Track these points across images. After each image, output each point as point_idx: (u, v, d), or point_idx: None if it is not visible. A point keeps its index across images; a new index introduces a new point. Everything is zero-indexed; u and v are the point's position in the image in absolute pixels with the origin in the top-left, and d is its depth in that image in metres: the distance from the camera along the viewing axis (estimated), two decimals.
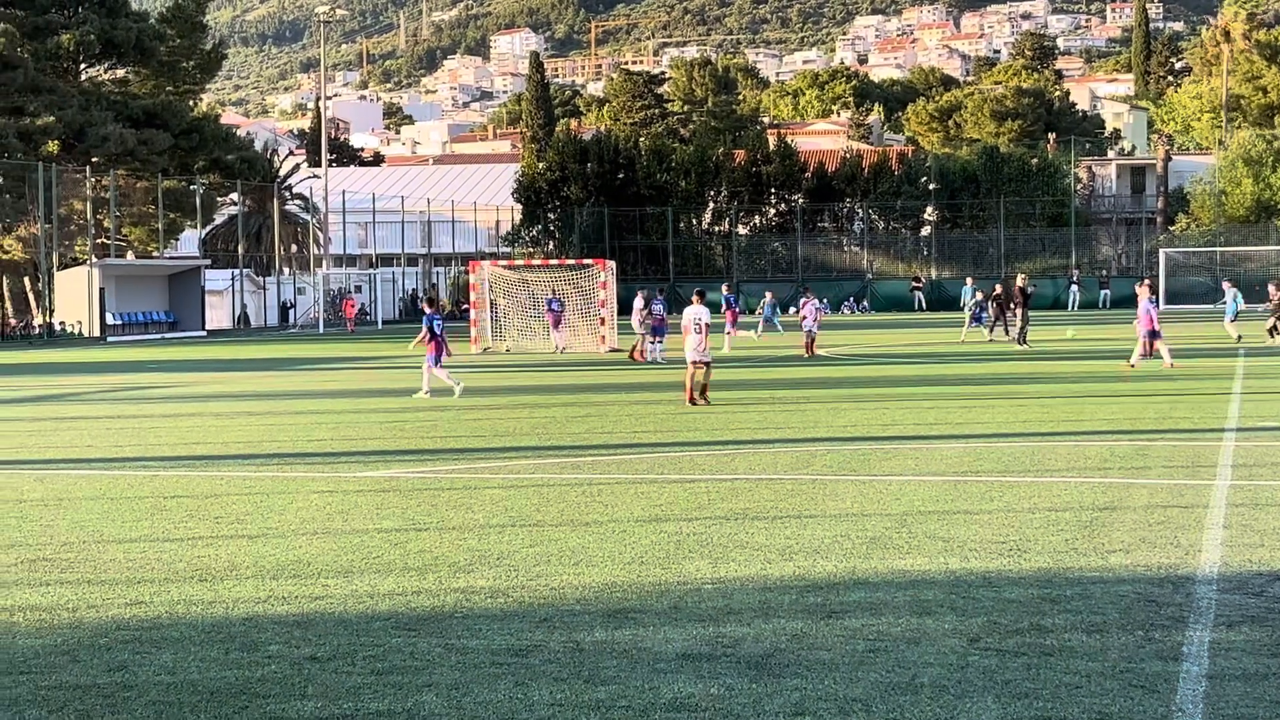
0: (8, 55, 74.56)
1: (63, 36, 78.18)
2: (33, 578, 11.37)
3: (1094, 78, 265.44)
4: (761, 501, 14.62)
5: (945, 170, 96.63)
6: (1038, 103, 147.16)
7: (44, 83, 76.45)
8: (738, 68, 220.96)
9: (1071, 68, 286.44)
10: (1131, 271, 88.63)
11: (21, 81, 74.95)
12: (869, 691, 7.98)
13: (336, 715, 7.70)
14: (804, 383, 32.23)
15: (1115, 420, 22.54)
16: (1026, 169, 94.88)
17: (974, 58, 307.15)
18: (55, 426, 24.96)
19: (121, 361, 48.34)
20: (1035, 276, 67.54)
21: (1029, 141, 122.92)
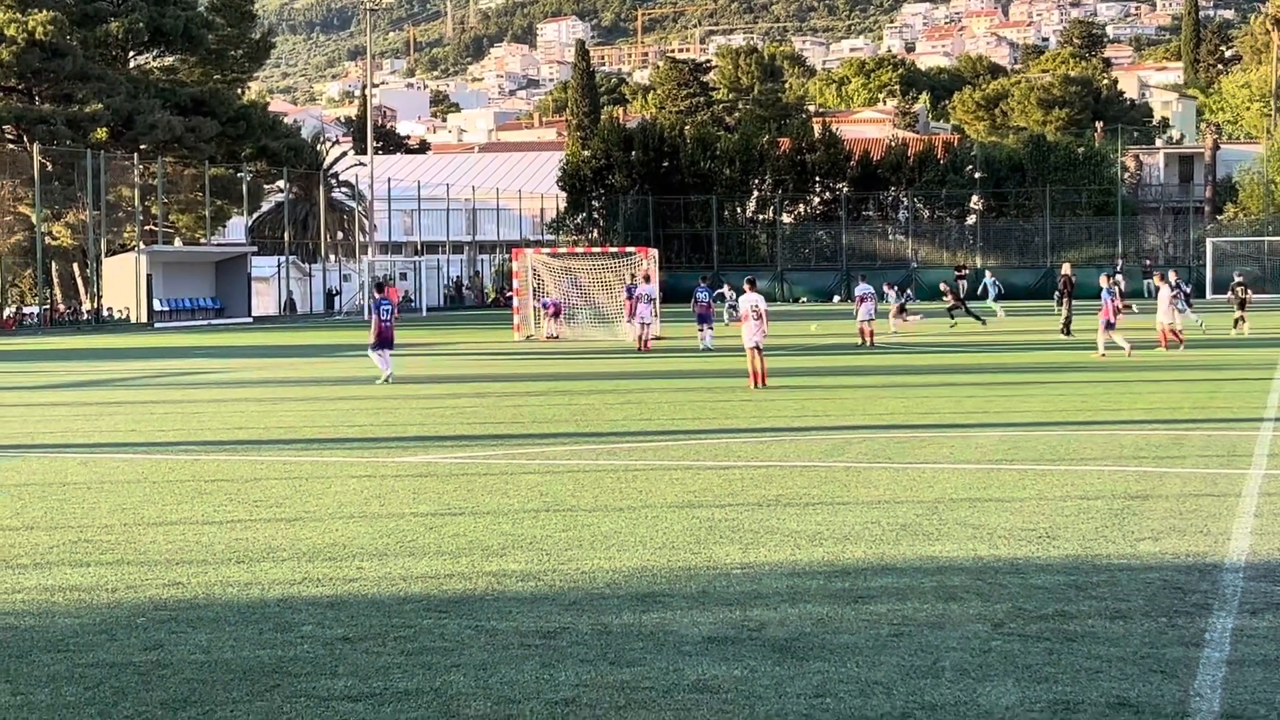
0: (57, 43, 75.13)
1: (112, 24, 78.76)
2: (73, 558, 11.57)
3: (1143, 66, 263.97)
4: (794, 488, 14.72)
5: (991, 159, 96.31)
6: (1085, 91, 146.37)
7: (93, 70, 77.03)
8: (784, 56, 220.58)
9: (1120, 56, 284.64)
10: (1179, 261, 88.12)
11: (70, 69, 75.56)
12: (890, 674, 8.07)
13: (366, 694, 7.85)
14: (844, 370, 32.27)
15: (1153, 409, 22.52)
16: (1073, 158, 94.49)
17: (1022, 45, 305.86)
18: (101, 411, 25.25)
19: (168, 347, 48.77)
20: (1080, 266, 67.17)
21: (1076, 130, 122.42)
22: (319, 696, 7.81)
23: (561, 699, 7.72)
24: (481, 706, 7.61)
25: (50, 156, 71.86)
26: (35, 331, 64.26)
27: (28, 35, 74.55)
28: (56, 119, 74.37)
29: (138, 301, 70.27)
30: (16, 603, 10.07)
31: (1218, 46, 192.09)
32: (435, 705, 7.64)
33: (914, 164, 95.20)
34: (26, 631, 9.28)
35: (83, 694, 7.91)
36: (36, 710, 7.62)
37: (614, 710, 7.51)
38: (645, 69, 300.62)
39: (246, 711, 7.56)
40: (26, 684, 8.10)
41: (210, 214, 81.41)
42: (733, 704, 7.58)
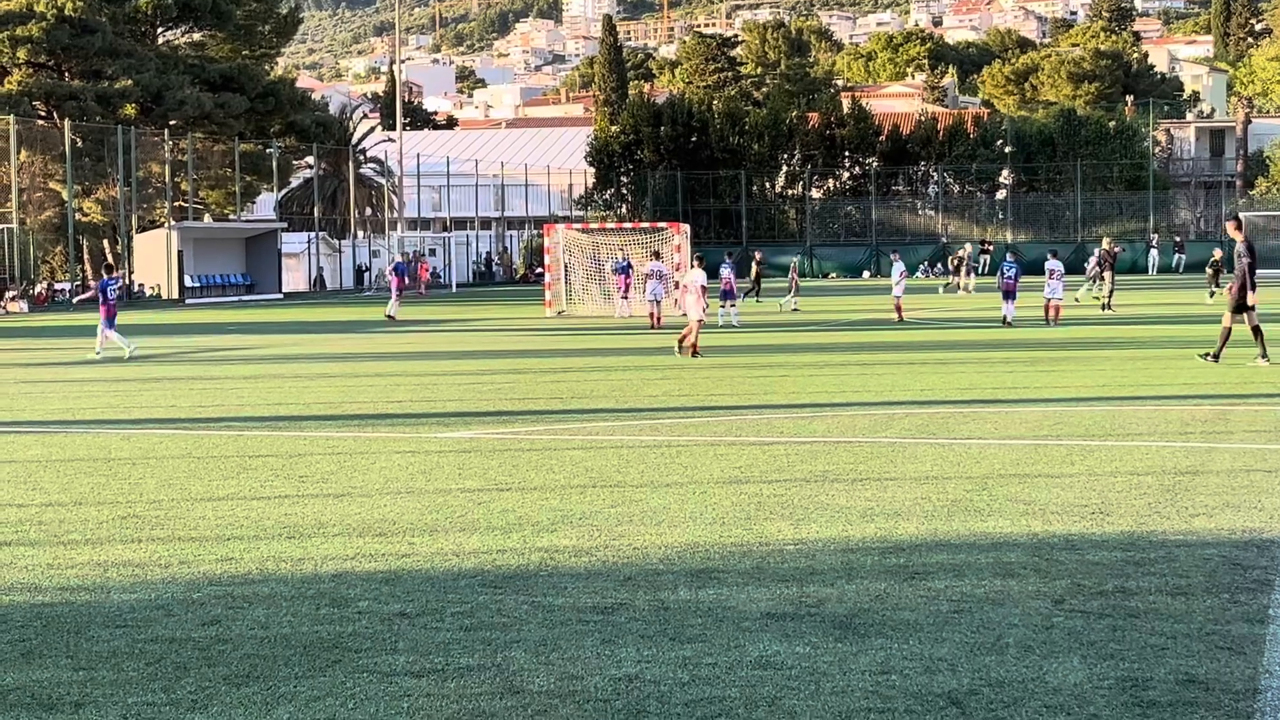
0: (86, 19, 75.24)
1: (140, 0, 78.79)
2: (124, 534, 11.57)
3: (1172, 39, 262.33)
4: (841, 464, 14.66)
5: (1021, 133, 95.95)
6: (1115, 65, 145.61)
7: (122, 46, 77.14)
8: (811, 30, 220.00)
9: (1150, 29, 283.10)
10: (1210, 235, 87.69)
11: (100, 45, 75.67)
12: (954, 651, 8.02)
13: (427, 669, 7.82)
14: (881, 346, 32.18)
15: (1196, 384, 22.39)
16: (1104, 132, 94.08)
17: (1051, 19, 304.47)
18: (139, 387, 25.29)
19: (200, 323, 48.89)
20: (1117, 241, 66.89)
21: (1106, 104, 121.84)
22: (381, 672, 7.78)
23: (624, 675, 7.68)
24: (544, 682, 7.57)
25: (80, 133, 72.00)
26: (67, 307, 64.41)
27: (57, 11, 74.67)
28: (86, 95, 74.49)
29: (169, 278, 70.41)
30: (71, 578, 10.07)
31: (1248, 20, 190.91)
32: (498, 680, 7.61)
33: (944, 138, 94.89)
34: (83, 607, 9.27)
35: (145, 669, 7.90)
36: (100, 686, 7.61)
37: (678, 686, 7.47)
38: (672, 44, 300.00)
39: (310, 687, 7.54)
40: (88, 659, 8.10)
41: (240, 190, 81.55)
42: (797, 680, 7.54)
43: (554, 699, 7.30)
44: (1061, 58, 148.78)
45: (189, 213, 78.16)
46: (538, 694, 7.39)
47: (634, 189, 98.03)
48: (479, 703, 7.27)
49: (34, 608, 9.26)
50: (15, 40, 74.28)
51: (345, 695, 7.40)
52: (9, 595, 9.59)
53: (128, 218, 73.50)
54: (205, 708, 7.24)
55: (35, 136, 72.48)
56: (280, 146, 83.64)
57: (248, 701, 7.32)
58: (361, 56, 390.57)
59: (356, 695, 7.40)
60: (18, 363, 31.41)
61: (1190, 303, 49.15)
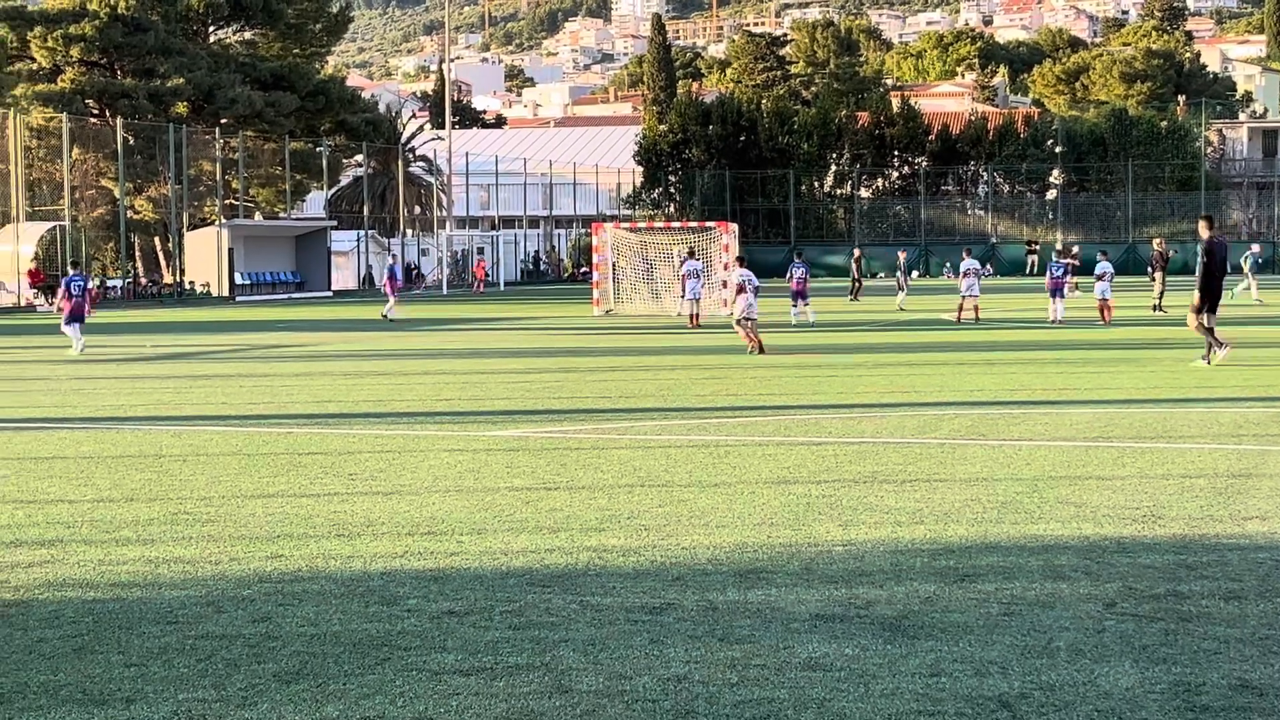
0: (139, 17, 75.76)
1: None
2: (175, 531, 11.63)
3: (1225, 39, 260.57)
4: (890, 464, 14.60)
5: (1072, 133, 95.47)
6: (1167, 64, 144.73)
7: (174, 45, 77.64)
8: (860, 29, 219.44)
9: (1202, 29, 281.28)
10: (1263, 236, 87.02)
11: (152, 44, 76.18)
12: (1005, 654, 7.97)
13: (476, 668, 7.83)
14: (929, 346, 32.07)
15: (1248, 386, 22.21)
16: (1155, 132, 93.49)
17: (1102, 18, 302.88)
18: (190, 384, 25.44)
19: (250, 321, 49.14)
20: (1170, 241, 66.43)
21: (1158, 104, 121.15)
22: (430, 670, 7.79)
23: (673, 675, 7.67)
24: (593, 681, 7.57)
25: (132, 131, 72.49)
26: (119, 305, 64.88)
27: (110, 10, 75.22)
28: (138, 94, 74.99)
29: (219, 275, 70.81)
30: (122, 574, 10.13)
31: None
32: (547, 680, 7.61)
33: (994, 138, 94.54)
34: (134, 603, 9.32)
35: (195, 666, 7.93)
36: (151, 682, 7.64)
37: (727, 687, 7.45)
38: (721, 43, 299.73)
39: (359, 684, 7.56)
40: (139, 655, 8.14)
41: (290, 188, 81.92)
42: (847, 682, 7.51)
43: (602, 698, 7.30)
44: (1113, 57, 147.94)
45: (239, 210, 78.58)
46: (586, 693, 7.38)
47: (682, 188, 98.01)
48: (527, 702, 7.27)
49: (85, 604, 9.32)
50: (68, 39, 74.86)
51: (394, 693, 7.42)
52: (61, 591, 9.65)
53: (179, 215, 73.94)
54: (255, 704, 7.26)
55: (88, 134, 73.02)
56: (330, 145, 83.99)
57: (297, 698, 7.35)
58: (411, 55, 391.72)
59: (405, 693, 7.41)
60: (69, 359, 31.62)
61: (1239, 304, 48.82)
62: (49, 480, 14.25)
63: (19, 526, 11.87)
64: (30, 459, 15.85)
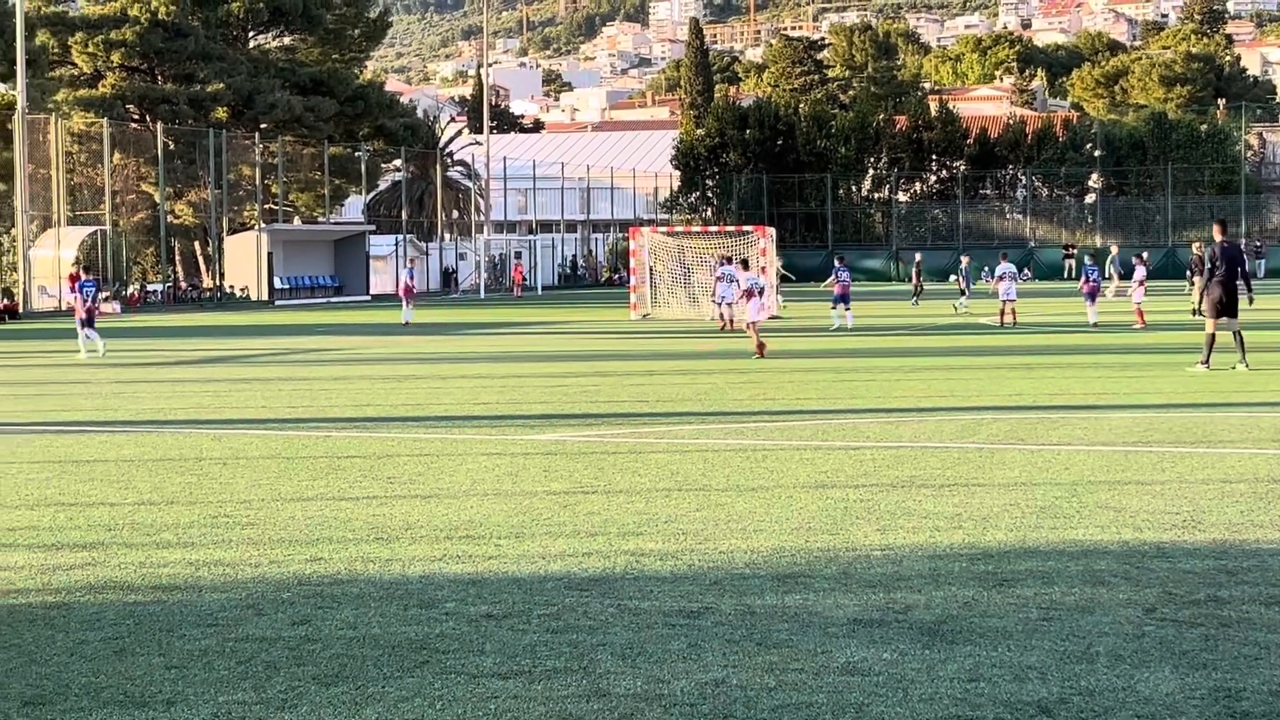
0: (179, 23, 76.17)
1: (232, 4, 79.78)
2: (215, 534, 11.69)
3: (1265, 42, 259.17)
4: (928, 469, 14.57)
5: (1111, 137, 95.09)
6: (1207, 68, 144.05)
7: (214, 50, 78.03)
8: (898, 33, 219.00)
9: (1242, 32, 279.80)
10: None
11: (192, 49, 76.59)
12: (1044, 659, 7.95)
13: (514, 671, 7.85)
14: (967, 350, 31.99)
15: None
16: (1195, 135, 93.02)
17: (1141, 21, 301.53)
18: (229, 388, 25.56)
19: (289, 325, 49.33)
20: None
21: (1198, 107, 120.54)
22: (468, 673, 7.82)
23: (711, 679, 7.67)
24: (631, 685, 7.58)
25: (173, 136, 72.86)
26: (159, 309, 65.23)
27: (151, 15, 75.66)
28: (179, 98, 75.41)
29: (258, 279, 71.13)
30: (163, 577, 10.18)
31: None
32: (585, 683, 7.63)
33: (1032, 142, 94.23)
34: (175, 606, 9.37)
35: (235, 668, 7.98)
36: (191, 684, 7.69)
37: (765, 691, 7.45)
38: (758, 47, 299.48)
39: (398, 687, 7.59)
40: (179, 658, 8.19)
41: (329, 193, 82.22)
42: (885, 687, 7.50)
43: (640, 702, 7.31)
44: (1152, 61, 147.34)
45: (279, 215, 78.91)
46: (624, 697, 7.39)
47: (719, 192, 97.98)
48: (565, 705, 7.29)
49: (126, 606, 9.38)
50: (109, 44, 75.32)
51: (433, 696, 7.44)
52: (102, 594, 9.71)
53: (218, 220, 74.29)
54: (295, 707, 7.30)
55: (128, 139, 73.44)
56: (369, 150, 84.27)
57: (336, 701, 7.38)
58: (449, 60, 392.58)
59: (444, 696, 7.44)
60: (110, 363, 31.80)
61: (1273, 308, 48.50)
62: (90, 483, 14.35)
63: (60, 529, 11.95)
64: (71, 462, 15.96)
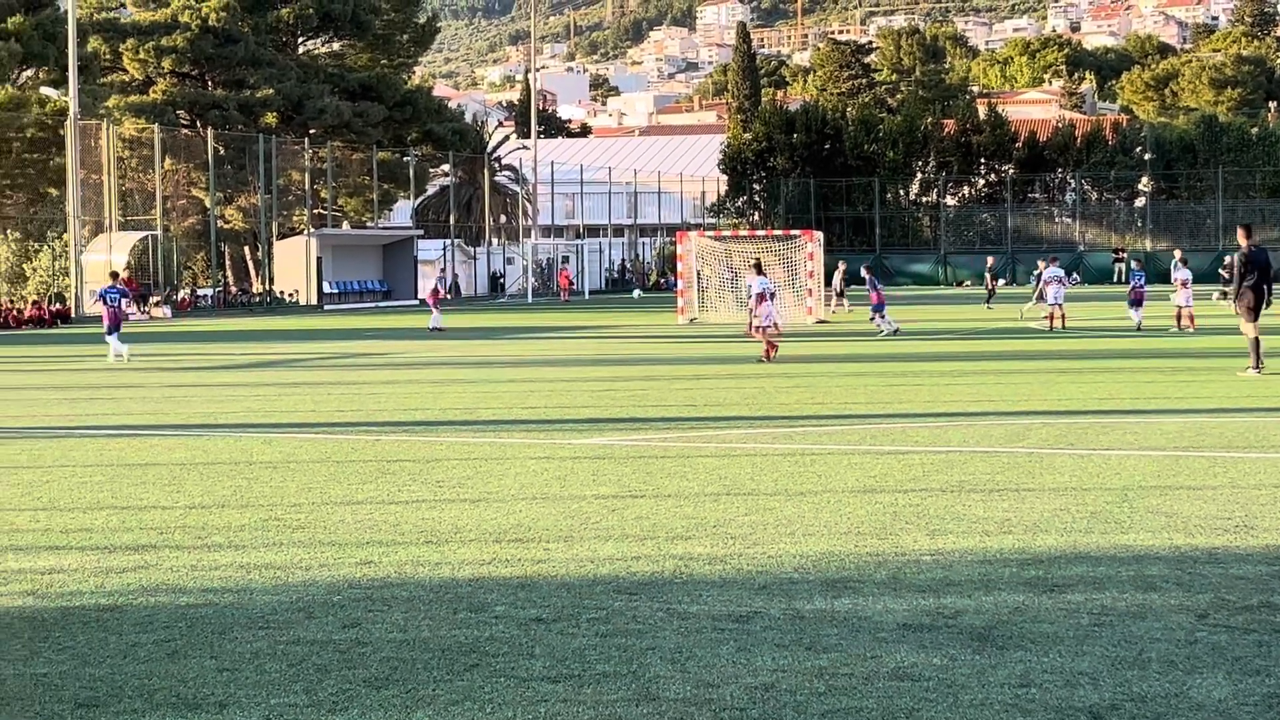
0: (229, 29, 76.60)
1: (282, 10, 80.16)
2: (266, 537, 11.75)
3: None
4: (977, 474, 14.52)
5: (1161, 140, 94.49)
6: (1258, 70, 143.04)
7: (264, 56, 78.45)
8: (946, 36, 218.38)
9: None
10: None
11: (242, 55, 77.01)
12: (1095, 665, 7.92)
13: (564, 675, 7.86)
14: (1016, 355, 31.84)
15: None
16: (1246, 138, 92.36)
17: (1191, 24, 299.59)
18: (279, 391, 25.70)
19: (338, 329, 49.54)
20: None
21: (1249, 110, 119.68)
22: (518, 677, 7.84)
23: (760, 684, 7.67)
24: (680, 689, 7.58)
25: (223, 141, 73.28)
26: (209, 313, 65.61)
27: (201, 22, 76.12)
28: (229, 104, 75.85)
29: (308, 284, 71.44)
30: (215, 580, 10.25)
31: None
32: (634, 687, 7.64)
33: (1081, 145, 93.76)
34: (226, 608, 9.43)
35: (286, 670, 8.02)
36: (243, 686, 7.74)
37: (814, 696, 7.44)
38: (805, 51, 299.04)
39: (448, 691, 7.61)
40: (231, 660, 8.24)
41: (377, 198, 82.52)
42: (935, 692, 7.48)
43: (690, 706, 7.31)
44: (1202, 63, 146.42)
45: (328, 220, 79.25)
46: (674, 701, 7.40)
47: (767, 196, 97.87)
48: (615, 709, 7.30)
49: (179, 608, 9.44)
50: (160, 50, 75.82)
51: (483, 699, 7.47)
52: (155, 596, 9.78)
53: (268, 225, 74.66)
54: (345, 710, 7.33)
55: (179, 145, 73.91)
56: (417, 154, 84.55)
57: (387, 704, 7.41)
58: (497, 65, 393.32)
59: (494, 700, 7.46)
60: (161, 367, 32.02)
61: None
62: (142, 486, 14.45)
63: (113, 532, 12.05)
64: (123, 465, 16.07)
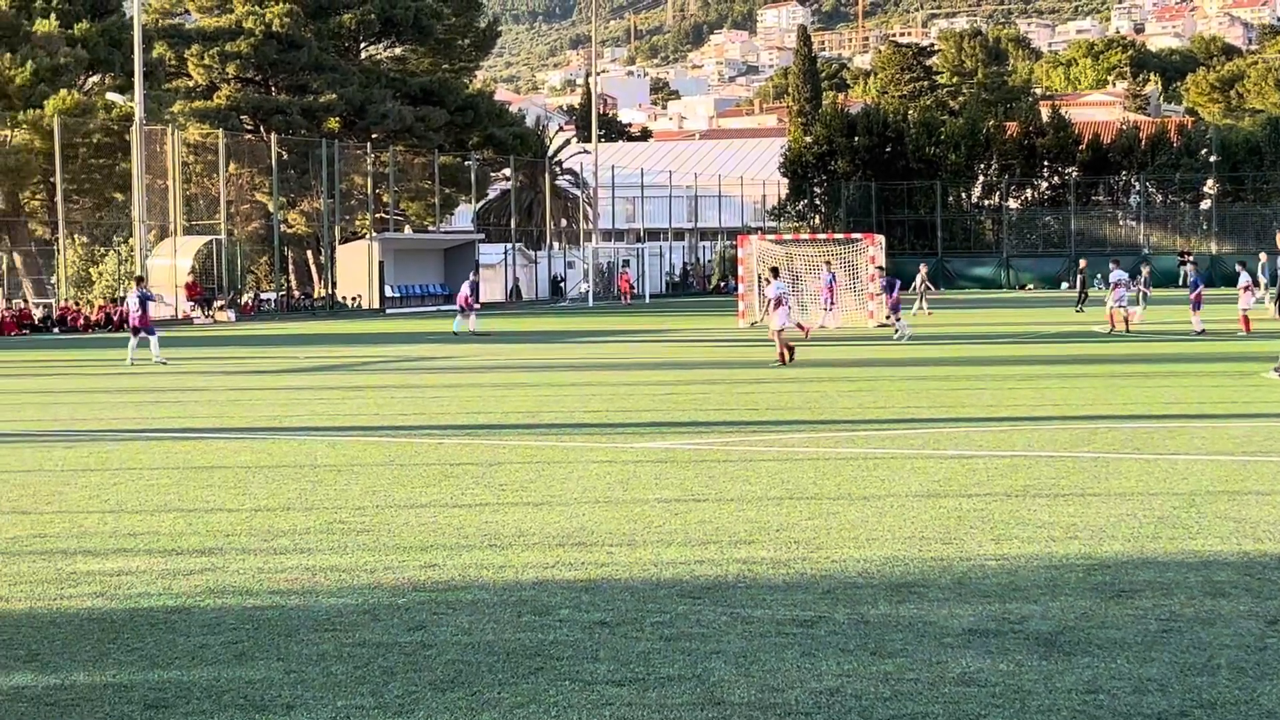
0: (293, 35, 77.10)
1: (344, 16, 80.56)
2: (331, 540, 11.81)
3: None
4: (1042, 479, 14.43)
5: (1227, 142, 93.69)
6: None
7: (326, 61, 78.91)
8: (1009, 38, 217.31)
9: None
10: None
11: (305, 60, 77.51)
12: (1164, 671, 7.85)
13: (628, 679, 7.86)
14: (1080, 359, 31.64)
15: None
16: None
17: (1257, 25, 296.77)
18: (343, 395, 25.83)
19: (401, 333, 49.74)
20: None
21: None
22: (583, 680, 7.85)
23: (825, 688, 7.65)
24: (745, 694, 7.57)
25: (286, 146, 73.76)
26: (273, 317, 66.04)
27: (265, 28, 76.65)
28: (292, 109, 76.32)
29: (370, 288, 71.79)
30: (281, 582, 10.31)
31: None
32: (699, 691, 7.63)
33: (1146, 147, 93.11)
34: (293, 611, 9.49)
35: (353, 673, 8.06)
36: (310, 688, 7.78)
37: (879, 701, 7.41)
38: (867, 54, 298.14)
39: (512, 694, 7.63)
40: (297, 662, 8.28)
41: (439, 202, 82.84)
42: (1002, 698, 7.44)
43: (755, 711, 7.30)
44: (1268, 65, 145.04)
45: (390, 224, 79.62)
46: (739, 705, 7.39)
47: (827, 199, 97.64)
48: (680, 713, 7.29)
49: (246, 610, 9.50)
50: (224, 56, 76.40)
51: (548, 703, 7.48)
52: (222, 598, 9.85)
53: (330, 229, 75.08)
54: (411, 712, 7.36)
55: (243, 150, 74.43)
56: (478, 159, 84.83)
57: (453, 707, 7.43)
58: (558, 69, 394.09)
59: (559, 703, 7.47)
60: (226, 370, 32.25)
61: None
62: (208, 489, 14.55)
63: (180, 535, 12.14)
64: (190, 468, 16.19)
